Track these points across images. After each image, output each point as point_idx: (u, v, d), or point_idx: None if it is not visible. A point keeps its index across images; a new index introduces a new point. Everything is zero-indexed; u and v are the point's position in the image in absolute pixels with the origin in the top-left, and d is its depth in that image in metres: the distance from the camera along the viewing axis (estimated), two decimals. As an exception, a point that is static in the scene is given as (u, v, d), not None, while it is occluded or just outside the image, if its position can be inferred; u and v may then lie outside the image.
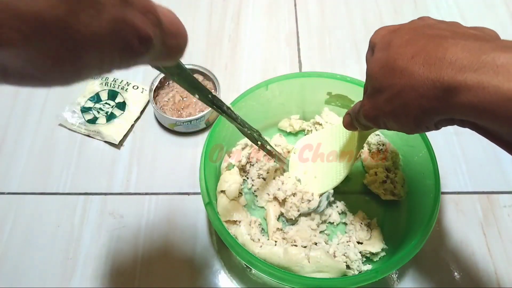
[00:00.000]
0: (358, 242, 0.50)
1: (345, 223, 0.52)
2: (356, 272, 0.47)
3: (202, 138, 0.60)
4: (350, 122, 0.42)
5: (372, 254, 0.49)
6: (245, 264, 0.49)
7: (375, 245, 0.49)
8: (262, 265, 0.42)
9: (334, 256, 0.47)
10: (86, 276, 0.50)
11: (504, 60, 0.25)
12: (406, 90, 0.29)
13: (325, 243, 0.49)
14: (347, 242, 0.50)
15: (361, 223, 0.51)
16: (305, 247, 0.48)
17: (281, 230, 0.51)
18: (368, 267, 0.48)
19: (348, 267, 0.47)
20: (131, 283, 0.49)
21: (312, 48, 0.70)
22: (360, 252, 0.49)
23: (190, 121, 0.58)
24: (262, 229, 0.51)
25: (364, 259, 0.49)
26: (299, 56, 0.69)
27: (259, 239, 0.48)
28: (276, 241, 0.49)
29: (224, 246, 0.45)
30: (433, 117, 0.29)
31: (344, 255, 0.48)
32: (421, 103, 0.29)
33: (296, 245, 0.48)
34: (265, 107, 0.57)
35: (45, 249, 0.51)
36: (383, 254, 0.49)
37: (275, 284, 0.49)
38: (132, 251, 0.51)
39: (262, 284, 0.49)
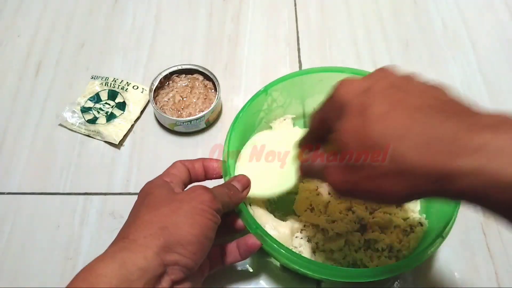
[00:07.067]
0: None
1: None
2: None
3: (202, 138, 0.60)
4: (308, 174, 0.38)
5: None
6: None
7: None
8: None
9: None
10: (86, 276, 0.50)
11: (499, 143, 0.23)
12: (393, 173, 0.27)
13: None
14: None
15: None
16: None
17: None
18: None
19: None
20: (131, 283, 0.49)
21: (312, 49, 0.70)
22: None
23: (190, 121, 0.58)
24: None
25: None
26: (299, 56, 0.69)
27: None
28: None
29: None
30: (424, 197, 0.28)
31: None
32: (410, 187, 0.27)
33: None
34: (265, 112, 0.55)
35: (45, 249, 0.52)
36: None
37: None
38: (132, 251, 0.51)
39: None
